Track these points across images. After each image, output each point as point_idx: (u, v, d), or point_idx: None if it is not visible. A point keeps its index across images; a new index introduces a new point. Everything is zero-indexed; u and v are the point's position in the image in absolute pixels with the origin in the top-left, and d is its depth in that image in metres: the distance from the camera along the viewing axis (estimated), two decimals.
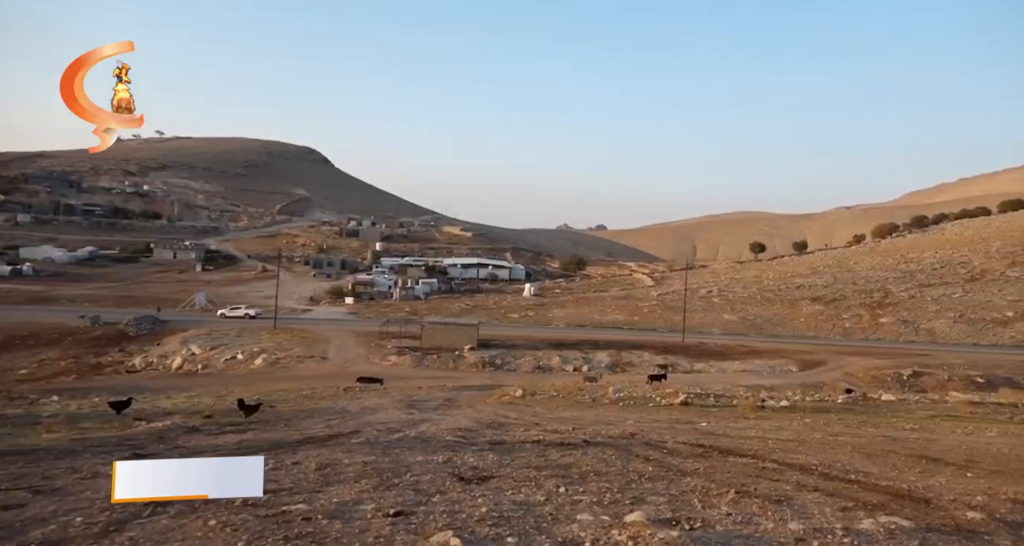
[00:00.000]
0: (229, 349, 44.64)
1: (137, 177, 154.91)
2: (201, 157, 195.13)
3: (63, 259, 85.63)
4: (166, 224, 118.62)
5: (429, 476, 5.30)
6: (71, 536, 3.54)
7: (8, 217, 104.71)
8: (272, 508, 4.15)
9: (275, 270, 75.69)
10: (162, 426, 11.30)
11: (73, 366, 41.32)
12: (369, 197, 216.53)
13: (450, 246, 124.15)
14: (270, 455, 6.67)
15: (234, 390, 27.46)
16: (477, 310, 66.72)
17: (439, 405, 17.88)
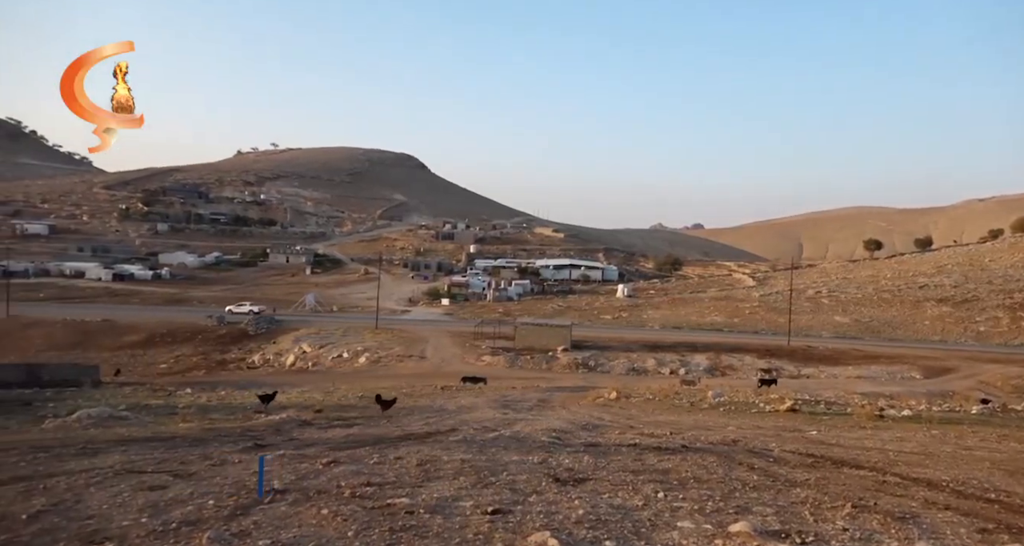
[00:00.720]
0: (335, 348, 47.23)
1: (255, 187, 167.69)
2: (310, 166, 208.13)
3: (194, 264, 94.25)
4: (280, 230, 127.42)
5: (525, 476, 5.35)
6: (205, 517, 3.89)
7: (150, 227, 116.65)
8: (377, 500, 4.35)
9: (376, 272, 79.31)
10: (278, 419, 12.15)
11: (202, 362, 45.35)
12: (463, 200, 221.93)
13: (542, 247, 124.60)
14: (374, 450, 7.00)
15: (340, 386, 29.04)
16: (569, 311, 66.51)
17: (533, 405, 17.99)
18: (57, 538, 3.49)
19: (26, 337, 47.86)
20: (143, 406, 16.62)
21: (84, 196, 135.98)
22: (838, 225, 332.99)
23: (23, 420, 13.21)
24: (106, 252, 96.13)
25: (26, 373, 30.27)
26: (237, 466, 5.83)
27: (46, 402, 18.68)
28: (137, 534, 3.54)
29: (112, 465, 5.80)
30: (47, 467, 5.78)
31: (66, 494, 4.56)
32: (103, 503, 4.29)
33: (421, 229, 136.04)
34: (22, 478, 5.15)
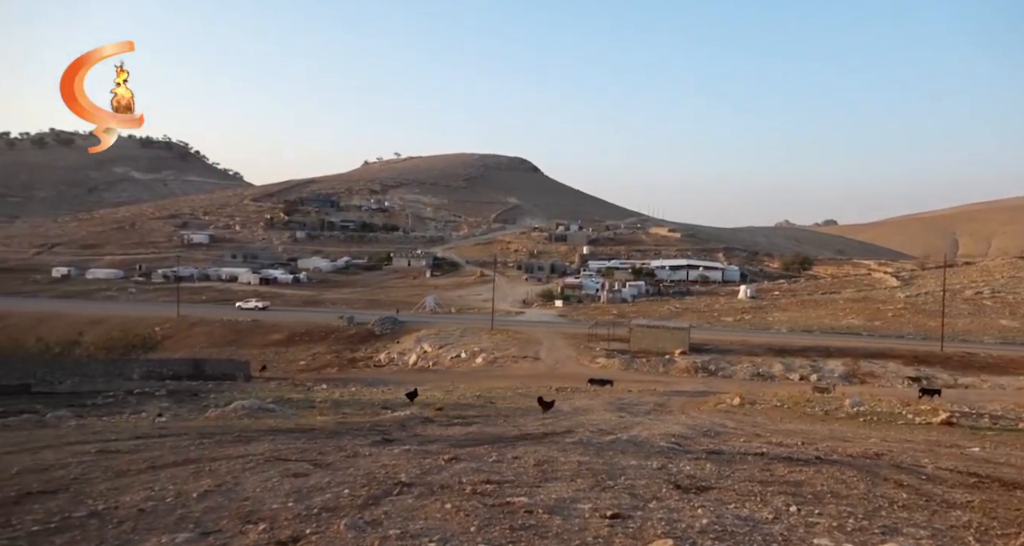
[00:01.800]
0: (454, 348, 48.95)
1: (380, 195, 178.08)
2: (429, 173, 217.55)
3: (327, 268, 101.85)
4: (402, 235, 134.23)
5: (644, 481, 5.24)
6: (341, 505, 4.19)
7: (290, 234, 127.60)
8: (497, 498, 4.46)
9: (491, 275, 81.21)
10: (403, 416, 12.80)
11: (335, 360, 48.86)
12: (576, 202, 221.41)
13: (657, 248, 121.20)
14: (493, 448, 7.17)
15: (459, 386, 30.06)
16: (687, 313, 64.15)
17: (650, 409, 17.56)
18: (221, 515, 3.93)
19: (192, 334, 54.12)
20: (286, 399, 18.21)
21: (237, 208, 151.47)
22: (1005, 217, 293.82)
23: (192, 408, 14.96)
24: (254, 258, 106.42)
25: (193, 367, 34.29)
26: (367, 459, 6.22)
27: (208, 393, 21.03)
28: (285, 516, 3.89)
29: (263, 452, 6.41)
30: (211, 452, 6.51)
31: (227, 477, 5.10)
32: (256, 486, 4.76)
33: (534, 231, 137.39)
34: (192, 461, 5.85)
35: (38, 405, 14.69)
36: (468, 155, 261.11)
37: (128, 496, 4.37)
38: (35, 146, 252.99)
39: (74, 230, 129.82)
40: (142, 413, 13.57)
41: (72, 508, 4.03)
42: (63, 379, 25.92)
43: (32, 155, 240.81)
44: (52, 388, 21.64)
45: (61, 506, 4.09)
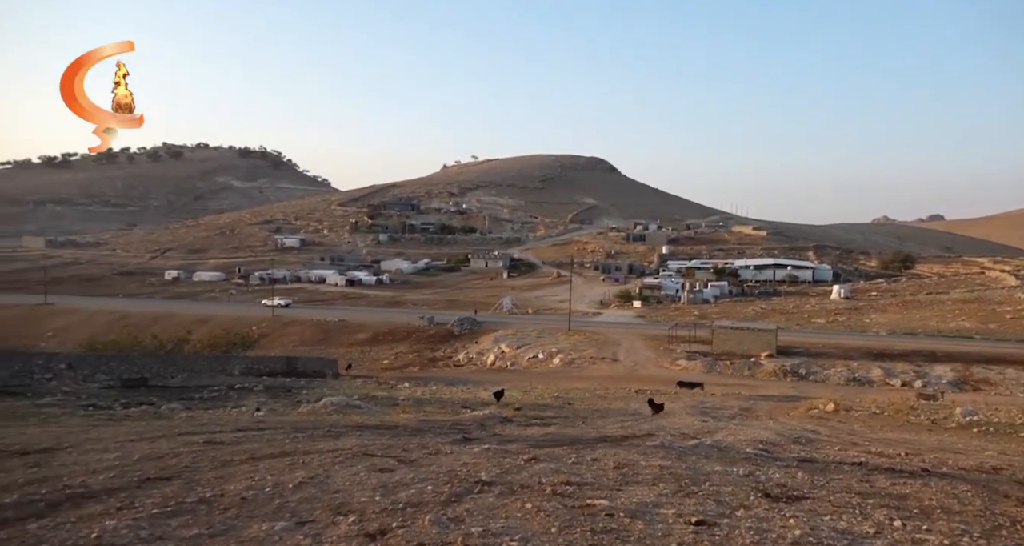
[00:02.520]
0: (531, 349, 49.12)
1: (458, 197, 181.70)
2: (506, 175, 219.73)
3: (407, 269, 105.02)
4: (479, 237, 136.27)
5: (730, 488, 5.05)
6: (425, 501, 4.31)
7: (373, 237, 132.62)
8: (578, 500, 4.44)
9: (568, 275, 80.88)
10: (482, 415, 12.98)
11: (416, 359, 50.26)
12: (655, 201, 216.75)
13: (741, 247, 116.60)
14: (571, 450, 7.15)
15: (537, 386, 30.13)
16: (774, 314, 61.31)
17: (735, 414, 16.90)
18: (314, 506, 4.14)
19: (286, 333, 57.28)
20: (371, 397, 18.91)
21: (324, 213, 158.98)
22: None
23: (286, 404, 15.84)
24: (341, 261, 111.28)
25: (286, 364, 36.29)
26: (449, 456, 6.35)
27: (300, 389, 22.18)
28: (373, 510, 4.05)
29: (351, 447, 6.69)
30: (304, 445, 6.87)
31: (319, 469, 5.37)
32: (346, 480, 4.98)
33: (612, 231, 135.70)
34: (288, 453, 6.19)
35: (154, 398, 16.01)
36: (545, 156, 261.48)
37: (232, 485, 4.69)
38: (150, 159, 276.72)
39: (183, 236, 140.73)
40: (242, 407, 14.50)
41: (184, 494, 4.37)
42: (174, 374, 28.15)
43: (147, 168, 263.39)
44: (165, 382, 23.53)
45: (175, 492, 4.44)
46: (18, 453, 5.96)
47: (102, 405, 13.37)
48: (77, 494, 4.28)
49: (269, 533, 3.54)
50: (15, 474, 4.95)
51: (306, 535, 3.52)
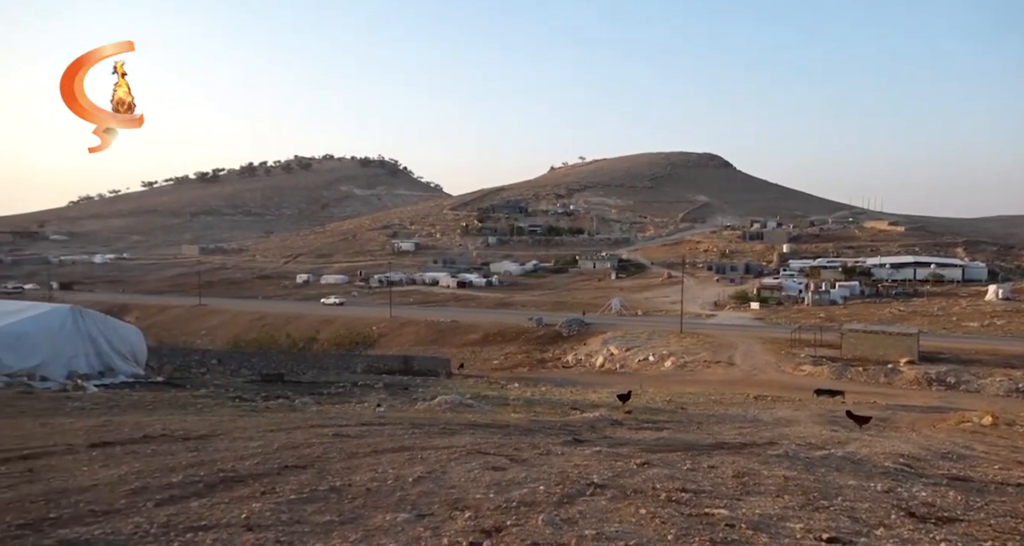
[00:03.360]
0: (641, 351, 48.08)
1: (565, 199, 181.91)
2: (614, 175, 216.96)
3: (516, 271, 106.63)
4: (587, 238, 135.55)
5: (867, 504, 4.66)
6: (537, 500, 4.36)
7: (483, 240, 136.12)
8: (694, 508, 4.29)
9: (679, 276, 78.31)
10: (592, 417, 12.90)
11: (526, 359, 50.87)
12: (774, 197, 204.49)
13: (874, 243, 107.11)
14: (686, 456, 6.92)
15: (648, 389, 29.44)
16: (915, 317, 55.72)
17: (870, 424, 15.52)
18: (432, 500, 4.32)
19: (402, 333, 60.18)
20: (483, 396, 19.39)
21: (437, 217, 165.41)
22: None
23: (404, 400, 16.65)
24: (452, 263, 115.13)
25: (403, 363, 38.13)
26: (560, 457, 6.37)
27: (416, 387, 23.19)
28: (487, 507, 4.16)
29: (465, 445, 6.91)
30: (421, 441, 7.18)
31: (435, 465, 5.59)
32: (461, 476, 5.15)
33: (726, 230, 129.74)
34: (407, 448, 6.51)
35: (289, 392, 17.44)
36: (654, 154, 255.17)
37: (358, 476, 5.00)
38: (284, 172, 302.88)
39: (311, 242, 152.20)
40: (364, 403, 15.41)
41: (317, 482, 4.73)
42: (305, 370, 30.51)
43: (282, 179, 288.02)
44: (298, 378, 25.54)
45: (309, 480, 4.82)
46: (181, 438, 6.74)
47: (246, 398, 14.76)
48: (228, 478, 4.76)
49: (392, 523, 3.74)
50: (179, 457, 5.60)
51: (426, 528, 3.69)
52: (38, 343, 16.47)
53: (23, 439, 6.58)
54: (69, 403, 11.19)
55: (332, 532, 3.55)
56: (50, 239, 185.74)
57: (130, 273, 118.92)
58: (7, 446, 6.03)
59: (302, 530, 3.56)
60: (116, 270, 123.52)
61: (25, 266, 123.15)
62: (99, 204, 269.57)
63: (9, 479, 4.62)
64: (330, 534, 3.51)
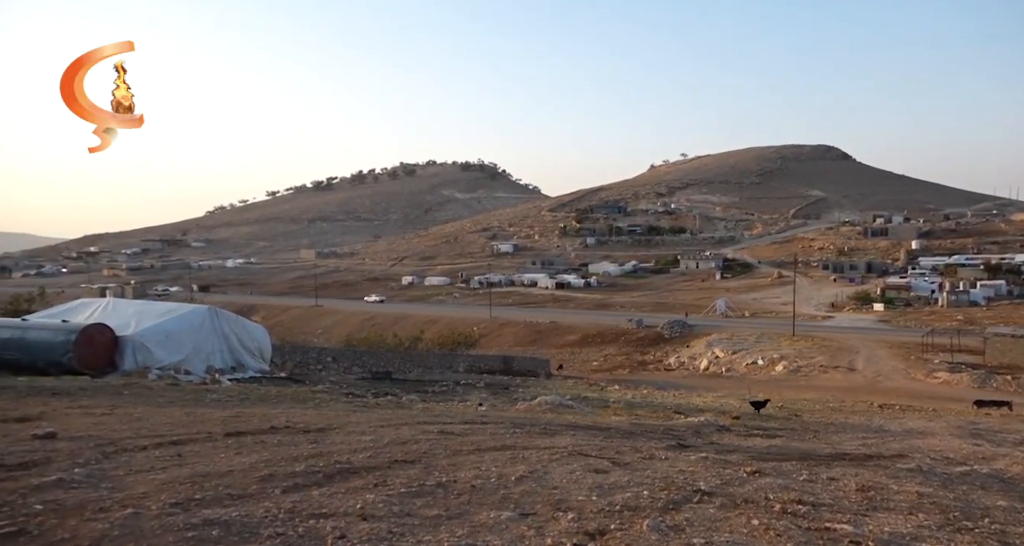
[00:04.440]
0: (749, 354, 45.84)
1: (666, 197, 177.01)
2: (718, 172, 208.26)
3: (615, 272, 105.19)
4: (689, 237, 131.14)
5: (1022, 529, 4.17)
6: (641, 505, 4.28)
7: (581, 241, 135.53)
8: (814, 522, 4.03)
9: (790, 276, 73.80)
10: (696, 422, 12.44)
11: (626, 361, 50.04)
12: (900, 189, 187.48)
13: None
14: (802, 466, 6.51)
15: (757, 394, 27.98)
16: None
17: (1022, 440, 13.83)
18: (535, 500, 4.35)
19: (502, 334, 61.19)
20: (583, 398, 19.28)
21: (535, 219, 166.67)
22: None
23: (504, 400, 16.91)
24: (550, 265, 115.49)
25: (503, 363, 38.75)
26: (664, 462, 6.21)
27: (517, 387, 23.46)
28: (590, 509, 4.13)
29: (566, 446, 6.90)
30: (522, 441, 7.26)
31: (537, 465, 5.63)
32: (562, 477, 5.15)
33: (844, 226, 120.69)
34: (509, 447, 6.61)
35: (396, 389, 18.24)
36: (762, 148, 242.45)
37: (462, 473, 5.14)
38: (389, 178, 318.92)
39: (416, 245, 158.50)
40: (467, 401, 15.81)
41: (424, 477, 4.91)
42: (411, 369, 31.79)
43: (388, 185, 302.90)
44: (405, 376, 26.66)
45: (417, 475, 5.02)
46: (302, 430, 7.24)
47: (358, 394, 15.60)
48: (344, 469, 5.06)
49: (496, 521, 3.81)
50: (301, 448, 6.03)
51: (529, 527, 3.72)
52: (183, 340, 18.33)
53: (172, 426, 7.35)
54: (208, 395, 12.35)
55: (440, 526, 3.67)
56: (191, 246, 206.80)
57: (256, 276, 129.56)
58: (160, 432, 6.77)
59: (412, 522, 3.71)
60: (245, 273, 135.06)
61: (171, 270, 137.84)
62: (230, 213, 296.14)
63: (162, 462, 5.18)
64: (438, 528, 3.64)
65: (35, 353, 16.30)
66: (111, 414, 8.42)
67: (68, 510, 3.64)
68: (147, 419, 7.96)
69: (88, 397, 10.60)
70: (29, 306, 28.36)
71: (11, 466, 4.77)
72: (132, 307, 20.55)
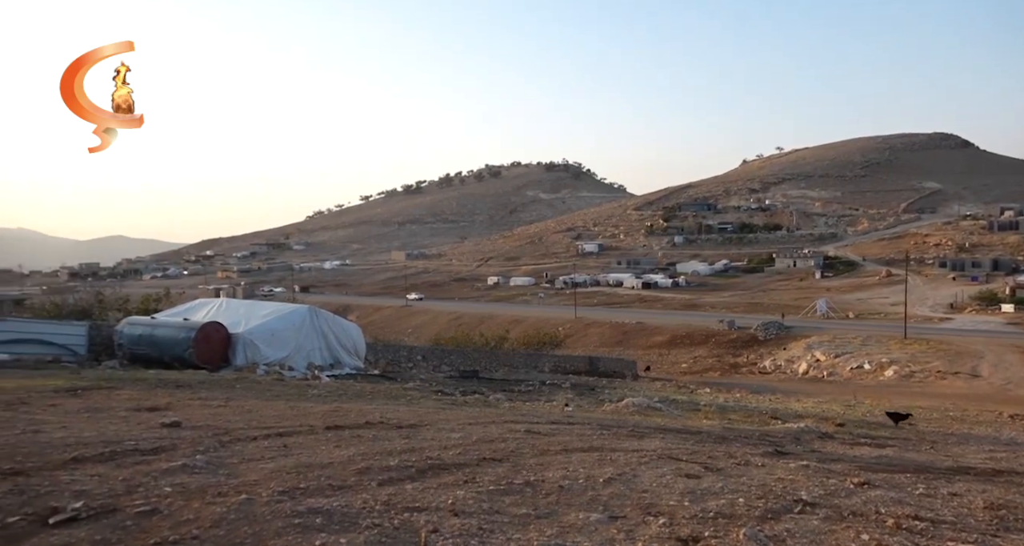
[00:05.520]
0: (854, 358, 43.04)
1: (760, 193, 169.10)
2: (817, 165, 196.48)
3: (704, 271, 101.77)
4: (785, 234, 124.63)
5: None
6: (737, 513, 4.11)
7: (668, 240, 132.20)
8: (933, 540, 3.72)
9: (901, 274, 68.40)
10: (795, 428, 11.79)
11: (717, 364, 48.29)
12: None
13: None
14: (917, 479, 6.02)
15: (864, 401, 26.15)
16: None
17: None
18: (624, 503, 4.29)
19: (587, 334, 60.77)
20: (671, 400, 18.78)
21: (620, 218, 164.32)
22: None
23: (590, 401, 16.79)
24: (636, 264, 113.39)
25: (588, 363, 38.45)
26: (760, 469, 5.94)
27: (603, 388, 23.22)
28: (682, 515, 4.02)
29: (655, 449, 6.75)
30: (609, 442, 7.18)
31: (625, 467, 5.55)
32: (652, 481, 5.04)
33: (965, 220, 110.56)
34: (596, 449, 6.55)
35: (483, 388, 18.55)
36: (868, 139, 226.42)
37: (550, 472, 5.15)
38: (476, 180, 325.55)
39: (501, 246, 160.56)
40: (553, 401, 15.82)
41: (512, 476, 4.96)
42: (497, 368, 32.20)
43: (474, 188, 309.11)
44: (491, 375, 27.05)
45: (505, 473, 5.08)
46: (395, 426, 7.53)
47: (447, 392, 16.00)
48: (435, 465, 5.20)
49: (585, 522, 3.79)
50: (394, 443, 6.26)
51: (619, 530, 3.67)
52: (287, 338, 19.56)
53: (278, 419, 7.87)
54: (309, 390, 13.10)
55: (529, 525, 3.70)
56: (293, 249, 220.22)
57: (351, 277, 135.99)
58: (268, 424, 7.27)
59: (501, 520, 3.76)
60: (341, 275, 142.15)
61: (275, 272, 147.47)
62: (328, 217, 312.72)
63: (270, 452, 5.55)
64: (527, 527, 3.67)
65: (162, 348, 17.99)
66: (226, 406, 9.13)
67: (192, 493, 4.00)
68: (256, 412, 8.57)
69: (206, 390, 11.55)
70: (156, 305, 31.39)
71: (145, 451, 5.31)
72: (242, 307, 22.16)
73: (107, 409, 8.18)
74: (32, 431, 6.13)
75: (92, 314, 28.36)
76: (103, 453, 5.10)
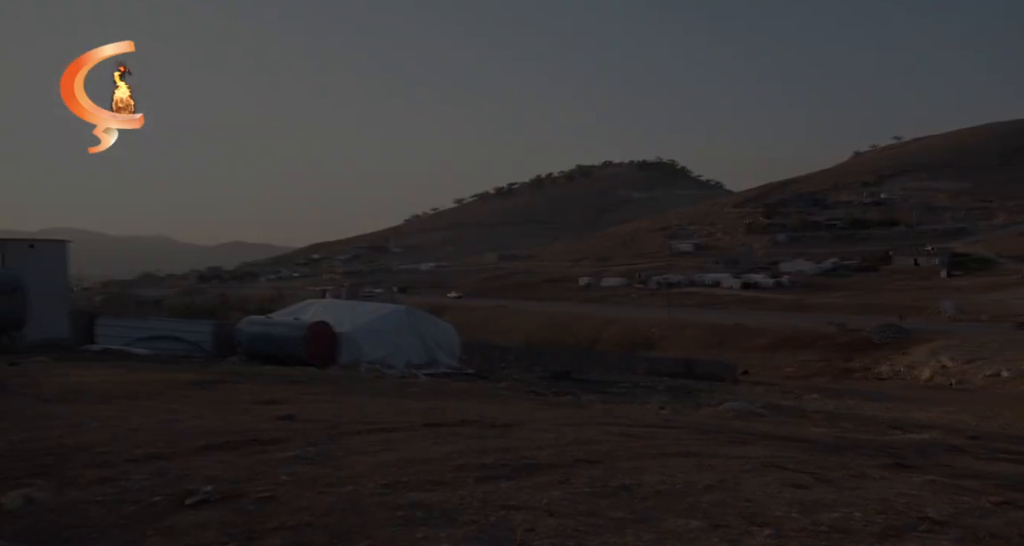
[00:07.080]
0: (989, 364, 39.12)
1: (874, 186, 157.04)
2: (943, 155, 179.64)
3: (811, 270, 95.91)
4: (904, 230, 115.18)
5: None
6: (853, 528, 3.82)
7: (770, 237, 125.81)
8: None
9: None
10: (919, 439, 10.83)
11: (826, 368, 45.41)
12: None
13: None
14: None
15: (1002, 412, 23.60)
16: None
17: None
18: (726, 511, 4.12)
19: (682, 336, 58.99)
20: (775, 406, 17.82)
21: (718, 216, 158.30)
22: None
23: (687, 404, 16.27)
24: (735, 264, 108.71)
25: (684, 365, 37.32)
26: (878, 482, 5.50)
27: (700, 392, 22.46)
28: (791, 527, 3.80)
29: (758, 456, 6.42)
30: (708, 448, 6.92)
31: (726, 474, 5.32)
32: (755, 489, 4.80)
33: None
34: (694, 454, 6.34)
35: (576, 389, 18.48)
36: (1003, 124, 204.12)
37: (646, 476, 5.04)
38: (566, 180, 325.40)
39: (593, 246, 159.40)
40: (647, 404, 15.48)
41: (608, 478, 4.90)
42: (589, 369, 31.94)
43: (565, 188, 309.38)
44: (583, 376, 26.91)
45: (600, 475, 5.03)
46: (490, 425, 7.66)
47: (540, 392, 16.07)
48: (529, 464, 5.24)
49: (685, 529, 3.68)
50: (489, 441, 6.38)
51: (721, 539, 3.53)
52: (387, 337, 20.52)
53: (380, 414, 8.26)
54: (408, 388, 13.63)
55: (626, 529, 3.64)
56: (392, 252, 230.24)
57: (447, 278, 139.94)
58: (372, 419, 7.65)
59: (597, 523, 3.73)
60: (437, 276, 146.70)
61: (376, 274, 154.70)
62: (424, 220, 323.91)
63: (374, 446, 5.83)
64: (624, 531, 3.61)
65: (277, 346, 19.43)
66: (333, 401, 9.71)
67: (305, 483, 4.28)
68: (361, 407, 9.04)
69: (316, 385, 12.32)
70: (271, 306, 34.04)
71: (264, 441, 5.76)
72: (345, 307, 23.50)
73: (231, 401, 8.95)
74: (170, 420, 6.85)
75: (216, 313, 31.12)
76: (228, 442, 5.59)
